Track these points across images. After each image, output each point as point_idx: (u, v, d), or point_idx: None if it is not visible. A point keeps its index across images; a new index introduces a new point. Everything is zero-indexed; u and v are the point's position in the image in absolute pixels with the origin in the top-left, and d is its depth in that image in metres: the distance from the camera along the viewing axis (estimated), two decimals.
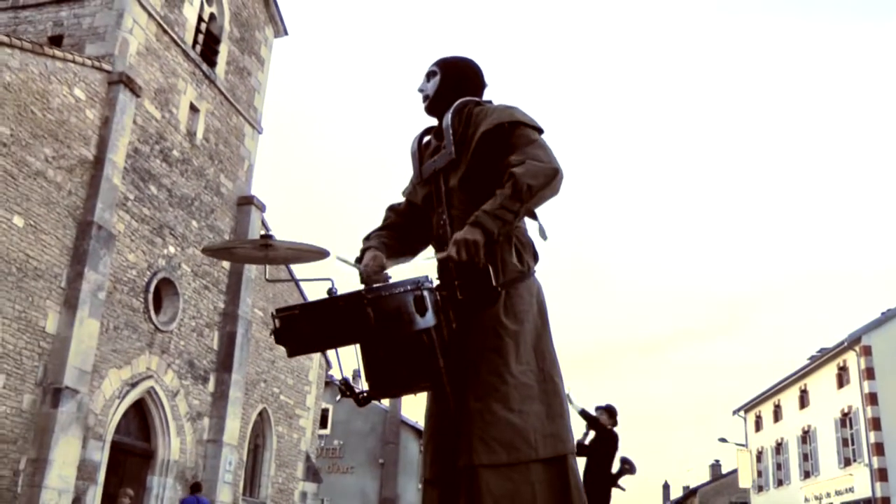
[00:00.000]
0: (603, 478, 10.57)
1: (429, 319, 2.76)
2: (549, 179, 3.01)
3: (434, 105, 3.47)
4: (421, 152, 3.54)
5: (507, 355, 3.01)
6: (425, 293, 2.77)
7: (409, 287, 2.77)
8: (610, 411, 10.80)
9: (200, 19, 22.05)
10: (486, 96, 3.54)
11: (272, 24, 25.73)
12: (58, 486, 15.48)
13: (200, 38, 21.97)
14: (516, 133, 3.17)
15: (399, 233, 3.51)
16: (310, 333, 2.79)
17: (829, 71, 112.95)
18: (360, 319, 2.69)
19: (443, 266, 3.12)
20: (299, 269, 20.48)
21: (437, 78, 3.47)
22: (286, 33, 26.20)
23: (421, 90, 3.51)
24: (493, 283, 3.05)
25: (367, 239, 3.45)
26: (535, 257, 3.28)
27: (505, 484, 2.88)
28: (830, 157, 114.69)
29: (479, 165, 3.22)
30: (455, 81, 3.46)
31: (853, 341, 34.13)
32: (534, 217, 3.22)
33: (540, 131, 3.22)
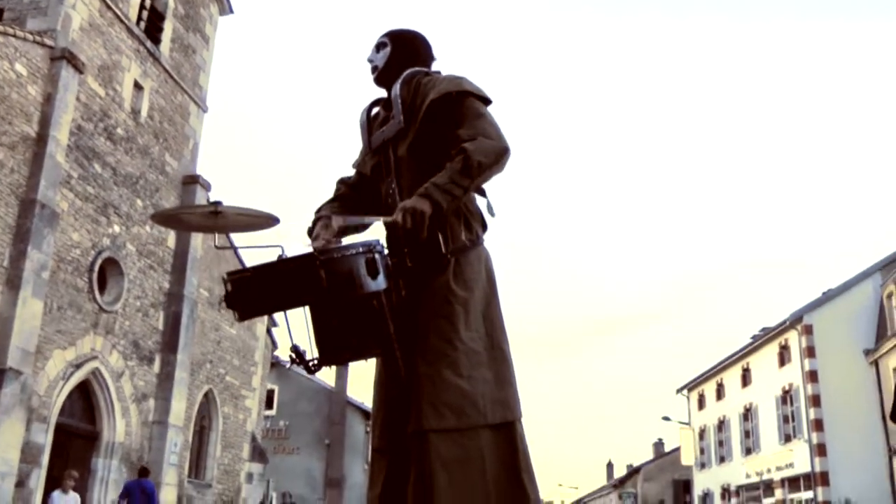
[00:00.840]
0: None
1: (380, 282, 2.78)
2: (498, 157, 3.06)
3: (383, 76, 3.47)
4: (370, 123, 3.55)
5: (457, 322, 3.04)
6: (377, 256, 2.79)
7: (360, 249, 2.79)
8: None
9: None
10: (433, 69, 3.55)
11: (217, 1, 25.42)
12: (1, 469, 15.26)
13: (145, 14, 21.63)
14: (465, 104, 3.20)
15: (350, 204, 3.51)
16: (261, 296, 2.80)
17: (782, 61, 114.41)
18: (313, 281, 2.70)
19: (391, 233, 3.14)
20: (248, 241, 20.35)
21: (388, 49, 3.48)
22: (231, 11, 25.91)
23: (370, 61, 3.51)
24: (443, 250, 3.08)
25: (318, 211, 3.46)
26: (484, 226, 3.31)
27: (454, 449, 2.91)
28: (774, 144, 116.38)
29: (427, 134, 3.24)
30: (404, 53, 3.47)
31: (795, 320, 34.76)
32: (482, 194, 3.26)
33: (488, 102, 3.26)
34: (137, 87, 20.98)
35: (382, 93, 3.55)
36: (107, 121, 19.55)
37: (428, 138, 3.24)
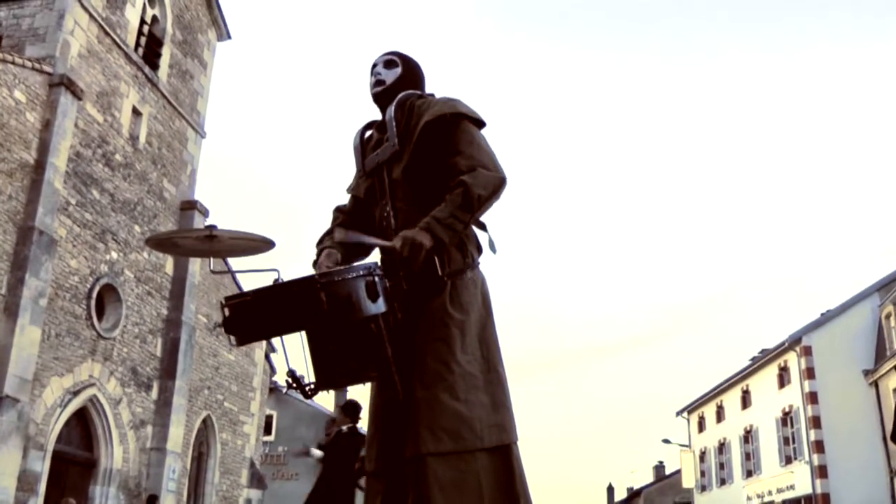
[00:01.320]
0: (344, 478, 10.53)
1: (380, 305, 2.79)
2: (496, 189, 3.10)
3: (387, 94, 3.46)
4: (363, 146, 3.56)
5: (454, 345, 3.05)
6: (377, 279, 2.80)
7: (361, 272, 2.79)
8: (351, 409, 10.77)
9: (143, 21, 21.82)
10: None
11: (215, 27, 25.54)
12: None
13: (143, 40, 21.74)
14: (460, 127, 3.21)
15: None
16: (261, 320, 2.79)
17: (780, 80, 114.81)
18: (313, 304, 2.70)
19: (387, 256, 3.15)
20: (243, 265, 20.53)
21: (399, 70, 3.49)
22: (229, 37, 26.03)
23: (378, 73, 3.50)
24: (439, 273, 3.09)
25: (320, 242, 3.47)
26: (479, 249, 3.32)
27: (451, 472, 2.91)
28: (769, 164, 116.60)
29: (421, 156, 3.25)
30: (410, 78, 3.51)
31: (794, 342, 34.71)
32: (482, 227, 3.28)
33: (482, 125, 3.28)
34: (136, 113, 21.04)
35: (376, 115, 3.56)
36: (105, 147, 19.59)
37: (422, 161, 3.25)
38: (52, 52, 18.04)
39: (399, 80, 3.47)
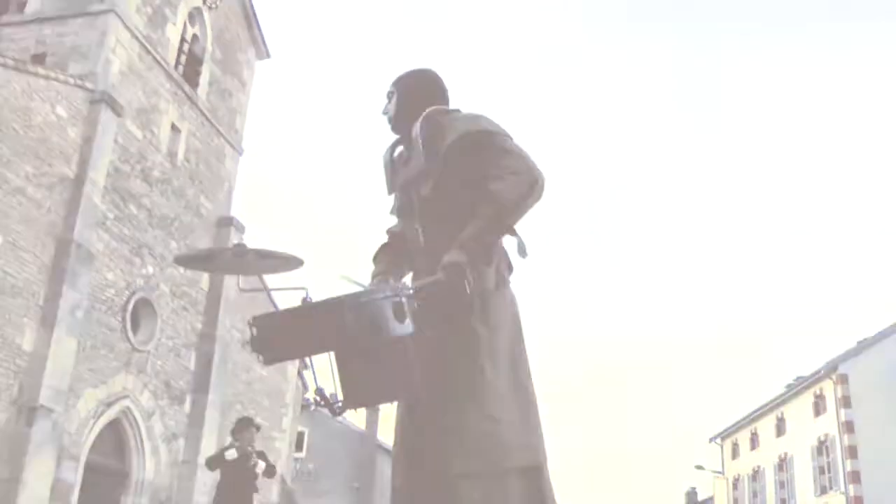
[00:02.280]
0: (243, 496, 10.86)
1: (407, 326, 2.78)
2: (528, 191, 3.05)
3: (397, 124, 3.49)
4: (394, 163, 3.56)
5: (483, 364, 3.03)
6: (404, 300, 2.80)
7: (388, 293, 2.79)
8: (258, 427, 11.08)
9: (183, 40, 22.06)
10: (452, 101, 3.56)
11: (254, 46, 25.78)
12: None
13: (183, 58, 21.97)
14: (487, 142, 3.17)
15: (402, 255, 3.53)
16: (288, 340, 2.81)
17: (818, 99, 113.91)
18: (340, 325, 2.70)
19: (416, 273, 3.16)
20: (275, 282, 20.75)
21: (395, 97, 3.49)
22: (268, 56, 26.26)
23: (384, 113, 3.53)
24: (468, 291, 3.06)
25: (374, 257, 3.54)
26: (510, 267, 3.30)
27: (479, 492, 2.89)
28: (805, 187, 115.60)
29: (449, 174, 3.23)
30: (412, 96, 3.46)
31: (830, 370, 34.33)
32: (513, 233, 3.22)
33: (508, 138, 3.23)
34: (174, 129, 21.26)
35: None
36: (144, 163, 19.81)
37: (450, 178, 3.23)
38: (94, 69, 18.28)
39: (398, 105, 3.47)
